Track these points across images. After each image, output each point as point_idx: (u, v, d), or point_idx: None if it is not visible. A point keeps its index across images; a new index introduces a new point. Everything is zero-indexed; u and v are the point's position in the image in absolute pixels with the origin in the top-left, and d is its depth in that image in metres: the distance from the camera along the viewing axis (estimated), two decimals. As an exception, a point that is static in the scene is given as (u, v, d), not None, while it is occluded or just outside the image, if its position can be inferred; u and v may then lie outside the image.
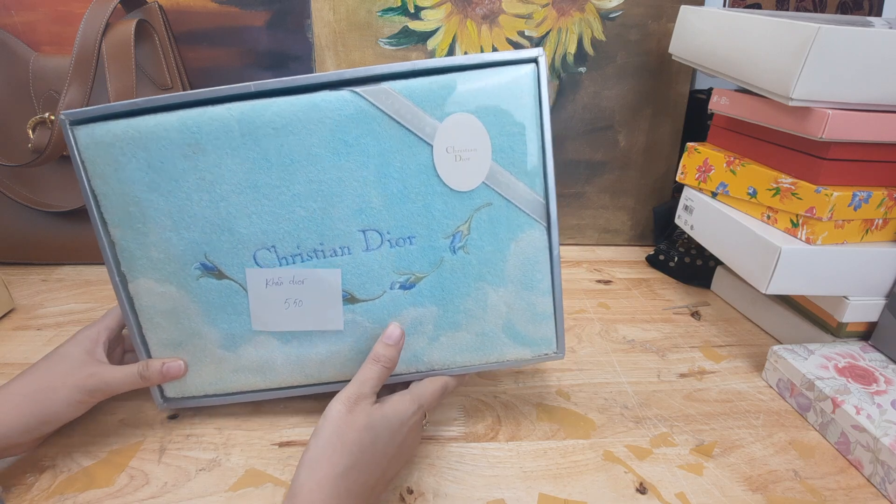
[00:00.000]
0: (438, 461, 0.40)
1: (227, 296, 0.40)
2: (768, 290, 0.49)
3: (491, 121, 0.38)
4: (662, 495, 0.38)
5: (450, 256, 0.40)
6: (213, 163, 0.37)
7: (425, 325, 0.41)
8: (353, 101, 0.36)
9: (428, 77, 0.37)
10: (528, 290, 0.42)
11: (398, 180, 0.38)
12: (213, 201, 0.37)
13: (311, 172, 0.37)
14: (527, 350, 0.43)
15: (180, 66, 0.65)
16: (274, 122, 0.36)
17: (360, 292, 0.40)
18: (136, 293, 0.40)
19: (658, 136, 0.76)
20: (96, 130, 0.36)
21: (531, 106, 0.38)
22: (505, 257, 0.41)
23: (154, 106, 0.36)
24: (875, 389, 0.45)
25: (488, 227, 0.40)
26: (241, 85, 0.36)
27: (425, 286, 0.41)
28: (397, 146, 0.37)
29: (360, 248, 0.39)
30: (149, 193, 0.37)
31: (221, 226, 0.38)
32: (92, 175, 0.37)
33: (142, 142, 0.36)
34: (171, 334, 0.41)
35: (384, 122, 0.37)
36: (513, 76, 0.38)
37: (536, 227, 0.40)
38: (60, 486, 0.37)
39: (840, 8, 0.80)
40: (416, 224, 0.39)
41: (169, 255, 0.38)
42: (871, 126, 0.46)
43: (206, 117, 0.36)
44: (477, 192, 0.39)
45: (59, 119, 0.36)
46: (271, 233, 0.38)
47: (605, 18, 0.70)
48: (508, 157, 0.39)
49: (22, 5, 0.63)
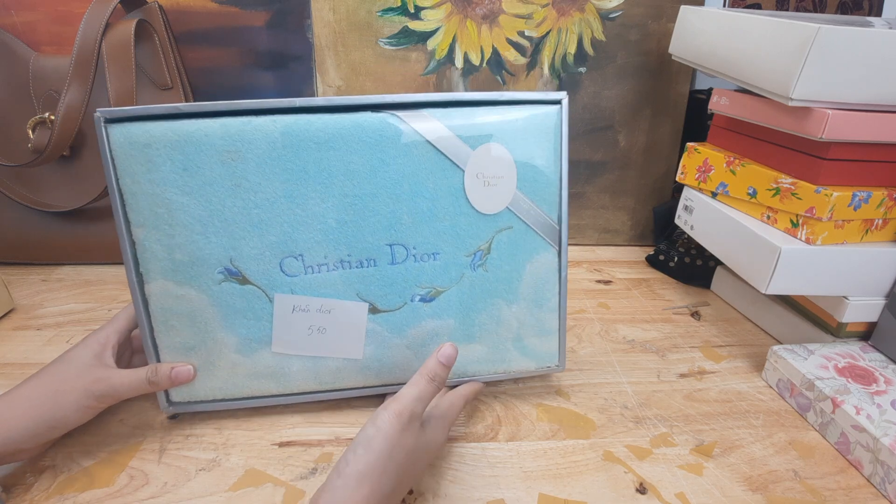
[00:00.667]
0: (438, 461, 0.40)
1: (249, 301, 0.40)
2: (768, 290, 0.49)
3: (518, 153, 0.41)
4: (662, 495, 0.38)
5: (470, 273, 0.43)
6: (252, 171, 0.38)
7: (442, 336, 0.44)
8: (395, 124, 0.39)
9: (465, 108, 0.40)
10: (538, 308, 0.45)
11: (429, 200, 0.40)
12: (246, 208, 0.38)
13: (346, 187, 0.39)
14: (532, 362, 0.46)
15: (180, 66, 0.65)
16: (317, 137, 0.38)
17: (381, 303, 0.42)
18: (153, 294, 0.39)
19: (658, 136, 0.76)
20: (132, 130, 0.36)
21: (554, 142, 0.42)
22: (520, 276, 0.44)
23: (195, 111, 0.37)
24: (875, 389, 0.45)
25: (507, 248, 0.43)
26: (287, 100, 0.38)
27: (444, 300, 0.43)
28: (431, 168, 0.40)
29: (386, 262, 0.41)
30: (181, 196, 0.37)
31: (252, 232, 0.39)
32: (122, 173, 0.37)
33: (180, 145, 0.36)
34: (185, 338, 0.41)
35: (421, 146, 0.39)
36: (540, 115, 0.41)
37: (550, 250, 0.44)
38: (60, 485, 0.37)
39: (840, 8, 0.80)
40: (442, 241, 0.42)
41: (193, 258, 0.39)
42: (871, 126, 0.46)
43: (249, 127, 0.37)
44: (500, 216, 0.42)
45: (94, 116, 0.36)
46: (301, 242, 0.39)
47: (605, 18, 0.70)
48: (531, 186, 0.42)
49: (22, 5, 0.63)
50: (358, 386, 0.44)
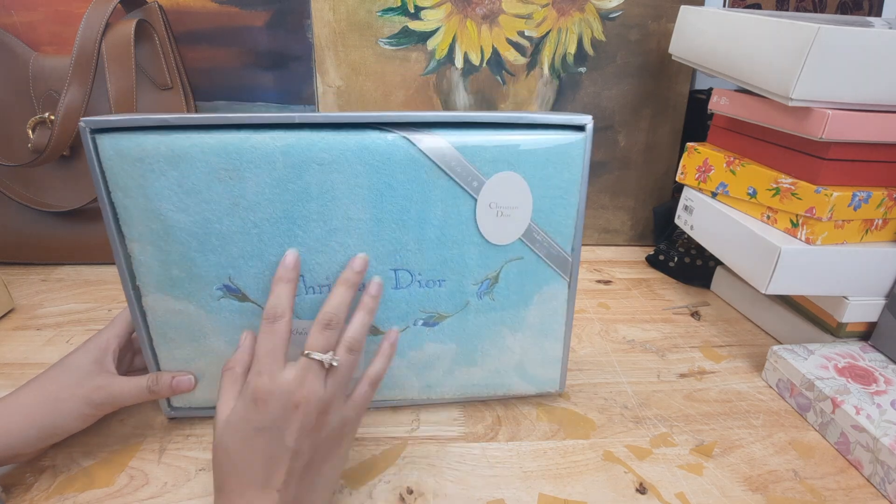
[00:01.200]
0: (438, 461, 0.40)
1: (249, 318, 0.39)
2: (768, 290, 0.49)
3: (536, 182, 0.38)
4: (662, 495, 0.38)
5: (475, 301, 0.41)
6: (251, 190, 0.35)
7: (443, 359, 0.43)
8: (405, 148, 0.36)
9: (480, 131, 0.37)
10: (544, 337, 0.44)
11: (437, 227, 0.38)
12: (244, 227, 0.36)
13: (350, 210, 0.37)
14: (532, 387, 0.46)
15: (180, 66, 0.65)
16: (320, 158, 0.35)
17: (383, 326, 0.41)
18: (151, 308, 0.38)
19: (658, 136, 0.76)
20: (123, 142, 0.34)
21: (577, 173, 0.39)
22: (527, 306, 0.43)
23: (187, 124, 0.34)
24: (875, 389, 0.45)
25: (516, 279, 0.41)
26: (286, 115, 0.35)
27: (447, 325, 0.42)
28: (441, 195, 0.37)
29: (390, 286, 0.39)
30: (176, 213, 0.35)
31: (251, 252, 0.37)
32: (113, 187, 0.35)
33: (174, 160, 0.34)
34: (184, 350, 0.40)
35: (432, 172, 0.37)
36: (563, 145, 0.38)
37: (560, 281, 0.42)
38: (60, 485, 0.37)
39: (840, 8, 0.80)
40: (448, 269, 0.40)
41: (191, 274, 0.37)
42: (871, 126, 0.46)
43: (247, 144, 0.34)
44: (511, 246, 0.40)
45: (80, 126, 0.34)
46: (302, 262, 0.37)
47: (605, 18, 0.70)
48: (547, 217, 0.40)
49: (22, 5, 0.63)
50: None
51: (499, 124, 0.38)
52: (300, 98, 0.71)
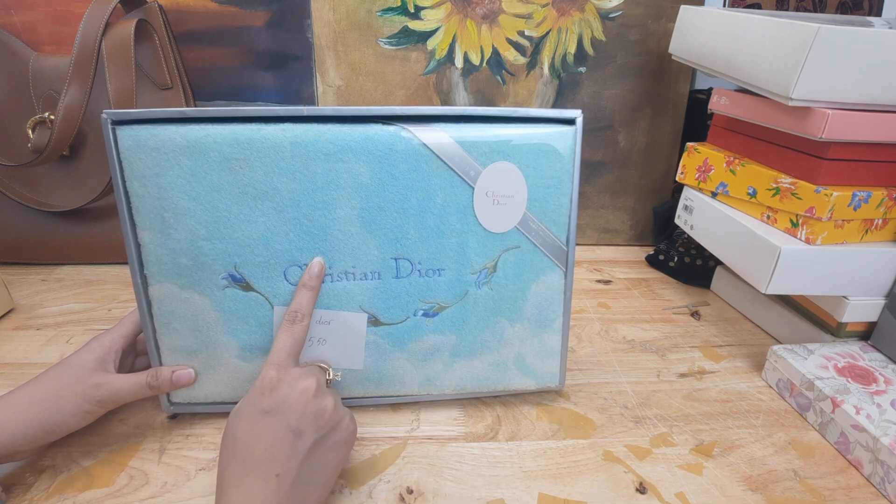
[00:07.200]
0: (438, 461, 0.40)
1: (252, 308, 0.40)
2: (768, 290, 0.49)
3: (530, 172, 0.40)
4: (662, 495, 0.38)
5: (474, 290, 0.43)
6: (259, 179, 0.37)
7: (443, 351, 0.43)
8: (407, 139, 0.38)
9: (477, 124, 0.39)
10: (541, 328, 0.45)
11: (437, 216, 0.40)
12: (252, 216, 0.38)
13: (354, 199, 0.39)
14: (532, 381, 0.46)
15: (180, 65, 0.65)
16: (326, 148, 0.37)
17: (384, 316, 0.42)
18: (156, 297, 0.39)
19: (658, 136, 0.76)
20: (141, 133, 0.36)
21: (568, 163, 0.41)
22: (525, 296, 0.44)
23: (203, 116, 0.36)
24: (875, 389, 0.45)
25: (513, 268, 0.43)
26: (295, 108, 0.37)
27: (447, 316, 0.43)
28: (441, 184, 0.39)
29: (391, 275, 0.41)
30: (187, 201, 0.37)
31: (257, 240, 0.38)
32: (129, 177, 0.36)
33: (188, 150, 0.36)
34: (187, 341, 0.40)
35: (432, 162, 0.39)
36: (555, 135, 0.40)
37: (556, 271, 0.44)
38: (60, 485, 0.37)
39: (840, 8, 0.80)
40: (448, 258, 0.41)
41: (198, 262, 0.38)
42: (871, 126, 0.46)
43: (259, 135, 0.36)
44: (508, 235, 0.42)
45: (101, 118, 0.35)
46: (306, 251, 0.39)
47: (605, 18, 0.70)
48: (541, 206, 0.41)
49: (22, 5, 0.63)
50: (358, 396, 0.44)
51: (495, 117, 0.40)
52: (300, 98, 0.71)
